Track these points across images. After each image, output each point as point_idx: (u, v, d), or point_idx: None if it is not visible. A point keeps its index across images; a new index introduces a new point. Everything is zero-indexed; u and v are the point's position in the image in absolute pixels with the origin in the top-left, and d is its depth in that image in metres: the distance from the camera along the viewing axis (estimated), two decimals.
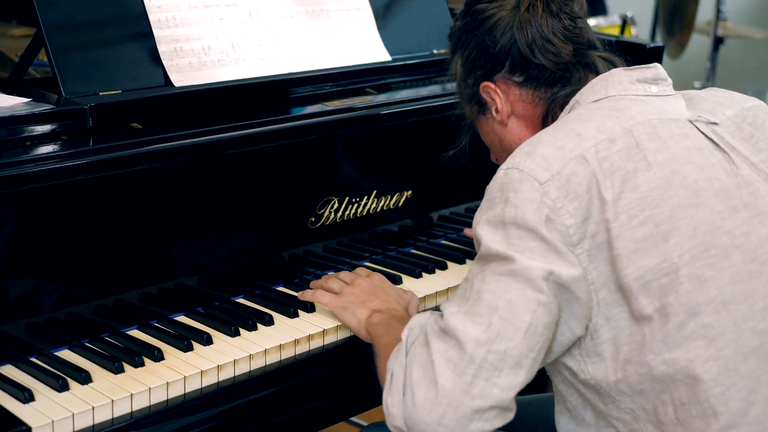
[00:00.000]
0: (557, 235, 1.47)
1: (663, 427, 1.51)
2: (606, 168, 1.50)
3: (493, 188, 1.55)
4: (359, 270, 1.98)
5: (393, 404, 1.49)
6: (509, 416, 1.49)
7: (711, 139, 1.59)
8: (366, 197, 2.11)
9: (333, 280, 1.93)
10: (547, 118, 1.73)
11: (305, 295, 1.92)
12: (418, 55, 2.36)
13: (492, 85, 1.75)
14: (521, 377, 1.47)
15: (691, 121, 1.61)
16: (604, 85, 1.66)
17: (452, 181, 2.33)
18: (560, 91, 1.72)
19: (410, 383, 1.48)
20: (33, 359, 1.70)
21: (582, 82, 1.71)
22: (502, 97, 1.75)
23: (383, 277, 1.94)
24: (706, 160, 1.56)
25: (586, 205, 1.48)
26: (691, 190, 1.52)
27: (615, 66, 1.73)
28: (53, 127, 1.77)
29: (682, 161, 1.54)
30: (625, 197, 1.49)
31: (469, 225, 2.33)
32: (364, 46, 2.27)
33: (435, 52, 2.40)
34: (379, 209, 2.14)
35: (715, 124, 1.62)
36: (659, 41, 4.72)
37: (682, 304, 1.48)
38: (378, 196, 2.13)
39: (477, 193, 2.38)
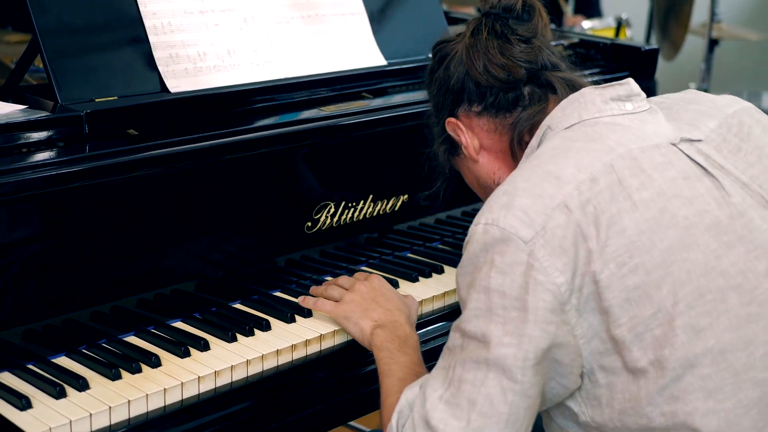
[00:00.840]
0: (547, 296, 1.41)
1: None
2: (589, 213, 1.43)
3: (474, 248, 1.48)
4: (358, 274, 1.97)
5: None
6: None
7: (697, 163, 1.53)
8: (362, 202, 2.11)
9: (332, 287, 1.92)
10: (514, 144, 1.68)
11: (306, 302, 1.91)
12: (414, 59, 2.36)
13: (454, 120, 1.72)
14: None
15: (674, 144, 1.54)
16: (576, 108, 1.59)
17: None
18: (522, 114, 1.66)
19: None
20: (30, 366, 1.70)
21: (542, 102, 1.66)
22: (467, 132, 1.71)
23: (382, 279, 1.93)
24: (694, 191, 1.49)
25: (573, 259, 1.42)
26: (681, 228, 1.45)
27: (575, 87, 1.66)
28: (49, 133, 1.77)
29: (669, 195, 1.47)
30: (612, 243, 1.42)
31: (466, 228, 2.33)
32: (360, 50, 2.27)
33: (430, 56, 2.40)
34: (375, 213, 2.14)
35: (699, 141, 1.55)
36: (654, 43, 4.74)
37: (679, 358, 1.42)
38: (374, 201, 2.13)
39: (473, 197, 2.39)
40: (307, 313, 1.91)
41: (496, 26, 1.68)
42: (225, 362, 1.73)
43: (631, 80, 1.62)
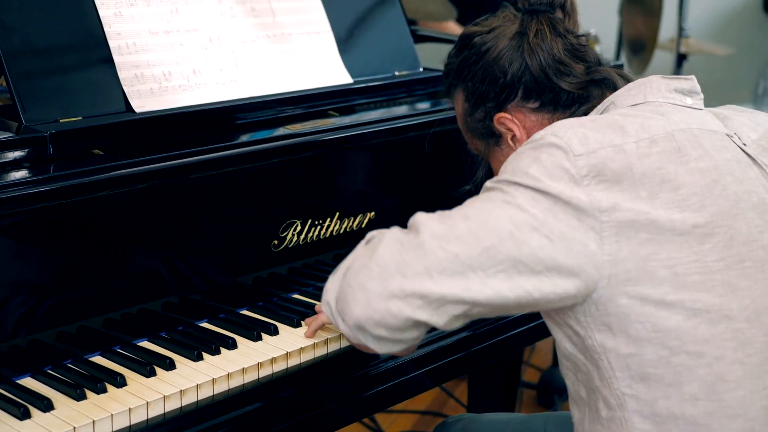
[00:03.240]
0: (582, 197, 1.45)
1: (657, 419, 1.49)
2: (646, 165, 1.49)
3: (525, 147, 1.53)
4: None
5: (331, 281, 1.55)
6: (435, 320, 1.47)
7: (747, 154, 1.60)
8: (329, 219, 2.12)
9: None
10: None
11: (312, 330, 1.89)
12: (380, 77, 2.38)
13: (507, 116, 1.76)
14: (458, 287, 1.44)
15: (728, 135, 1.61)
16: (642, 90, 1.66)
17: (415, 201, 2.34)
18: (578, 110, 1.73)
19: (352, 260, 1.53)
20: None
21: (601, 100, 1.71)
22: (519, 125, 1.76)
23: None
24: (745, 174, 1.56)
25: (615, 194, 1.46)
26: (730, 200, 1.52)
27: (628, 81, 1.73)
28: (14, 154, 1.78)
29: (723, 171, 1.54)
30: (663, 197, 1.48)
31: None
32: (326, 69, 2.29)
33: (397, 73, 2.42)
34: (342, 231, 2.15)
35: (744, 145, 1.63)
36: (623, 59, 4.77)
37: (716, 305, 1.47)
38: (341, 218, 2.14)
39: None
40: (273, 331, 1.91)
41: (557, 27, 1.74)
42: (191, 381, 1.73)
43: (693, 77, 1.69)
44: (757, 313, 1.49)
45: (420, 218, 1.50)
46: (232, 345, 1.85)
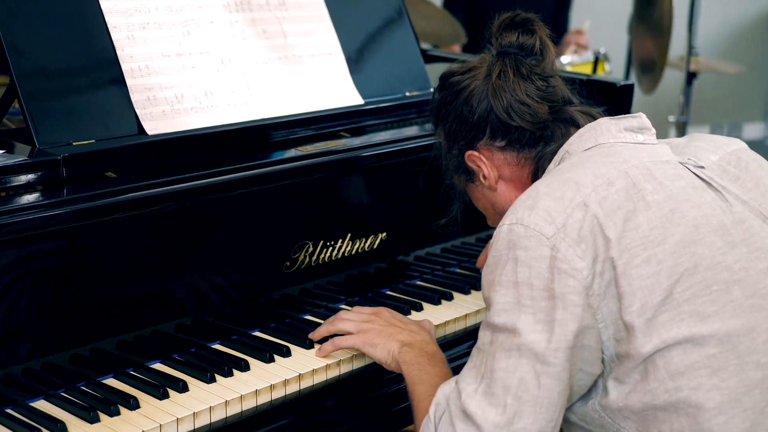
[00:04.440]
0: (571, 281, 1.52)
1: None
2: (607, 207, 1.55)
3: (499, 246, 1.58)
4: (358, 308, 1.98)
5: None
6: None
7: (702, 179, 1.64)
8: (341, 240, 2.12)
9: (342, 321, 1.93)
10: (537, 175, 1.78)
11: (324, 350, 1.91)
12: (391, 98, 2.38)
13: (476, 153, 1.81)
14: None
15: (681, 163, 1.65)
16: (593, 134, 1.71)
17: (426, 221, 2.34)
18: (545, 149, 1.77)
19: None
20: (8, 411, 1.69)
21: (565, 137, 1.76)
22: (487, 163, 1.81)
23: (389, 309, 1.97)
24: (702, 198, 1.61)
25: (592, 245, 1.53)
26: (690, 226, 1.56)
27: (594, 117, 1.78)
28: (27, 178, 1.78)
29: (680, 199, 1.58)
30: (627, 236, 1.54)
31: (446, 264, 2.35)
32: (337, 90, 2.29)
33: (407, 94, 2.43)
34: (354, 252, 2.15)
35: (702, 167, 1.66)
36: (633, 77, 4.78)
37: (686, 338, 1.51)
38: (353, 239, 2.14)
39: (451, 233, 2.40)
40: (285, 353, 1.91)
41: (521, 68, 1.79)
42: (204, 403, 1.74)
43: (642, 114, 1.75)
44: (728, 335, 1.52)
45: (472, 409, 1.54)
46: (244, 367, 1.85)
